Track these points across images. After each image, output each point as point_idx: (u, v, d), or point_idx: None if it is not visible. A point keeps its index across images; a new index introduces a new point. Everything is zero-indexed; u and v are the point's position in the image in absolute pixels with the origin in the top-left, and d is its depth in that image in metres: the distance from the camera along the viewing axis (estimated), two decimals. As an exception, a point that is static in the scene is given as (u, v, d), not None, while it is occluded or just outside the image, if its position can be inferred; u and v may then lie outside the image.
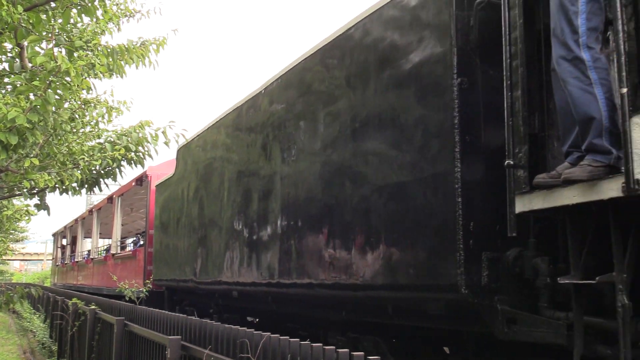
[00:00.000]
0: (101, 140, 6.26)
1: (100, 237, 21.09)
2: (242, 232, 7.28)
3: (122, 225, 18.33)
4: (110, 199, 17.00)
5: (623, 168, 2.76)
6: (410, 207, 4.36)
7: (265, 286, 6.65)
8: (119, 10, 6.11)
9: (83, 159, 5.52)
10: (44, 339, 13.48)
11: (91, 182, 6.52)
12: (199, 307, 10.11)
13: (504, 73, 3.68)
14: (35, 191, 5.95)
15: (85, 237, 23.87)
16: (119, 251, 16.52)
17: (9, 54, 5.58)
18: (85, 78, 4.67)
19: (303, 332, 6.71)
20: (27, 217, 6.21)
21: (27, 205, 6.13)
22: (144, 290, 8.34)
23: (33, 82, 4.32)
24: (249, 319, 8.97)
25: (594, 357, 3.27)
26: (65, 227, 27.19)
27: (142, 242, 14.80)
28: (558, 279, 3.44)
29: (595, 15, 3.08)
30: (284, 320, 7.73)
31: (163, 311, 5.99)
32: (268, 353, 3.56)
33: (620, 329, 2.92)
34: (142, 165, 6.49)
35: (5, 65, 5.69)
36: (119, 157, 6.00)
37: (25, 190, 5.51)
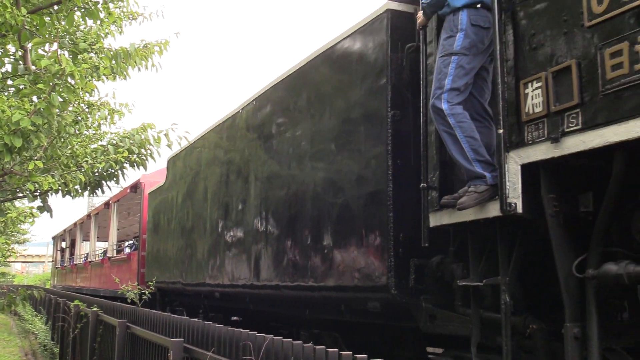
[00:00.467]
0: (104, 143, 6.28)
1: (98, 240, 21.95)
2: (221, 239, 8.09)
3: (120, 229, 19.35)
4: (107, 204, 17.93)
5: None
6: (354, 220, 5.11)
7: (241, 287, 7.38)
8: (122, 13, 6.12)
9: (86, 161, 5.53)
10: (46, 341, 13.48)
11: (94, 184, 6.53)
12: (189, 307, 10.66)
13: (421, 110, 4.40)
14: (37, 193, 5.97)
15: (84, 240, 24.63)
16: (115, 255, 17.17)
17: (12, 57, 5.61)
18: (90, 81, 4.68)
19: (284, 331, 7.34)
20: (31, 220, 6.21)
21: (31, 208, 6.13)
22: (147, 292, 8.34)
23: (37, 85, 4.33)
24: (234, 318, 9.54)
25: (495, 346, 3.93)
26: (64, 230, 27.89)
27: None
28: (458, 281, 4.18)
29: (460, 78, 3.97)
30: (265, 319, 8.31)
31: (165, 313, 6.00)
32: (271, 355, 3.56)
33: (503, 322, 3.62)
34: (145, 168, 6.50)
35: (9, 68, 5.71)
36: (122, 160, 6.00)
37: (28, 192, 5.52)
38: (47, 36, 5.01)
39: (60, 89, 4.36)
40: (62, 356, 10.92)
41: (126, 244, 20.86)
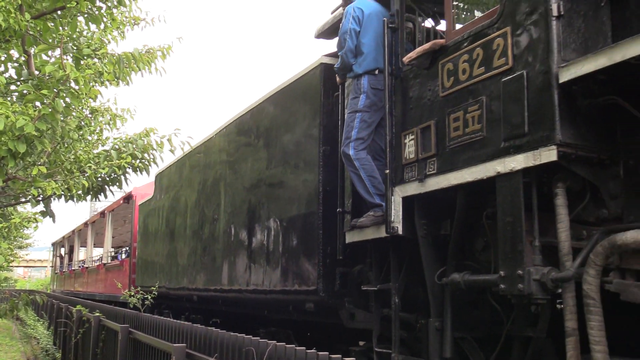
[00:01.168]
0: (107, 148, 6.27)
1: (95, 247, 23.02)
2: (197, 248, 9.27)
3: (116, 236, 20.91)
4: (102, 213, 19.21)
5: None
6: (295, 235, 6.20)
7: (213, 292, 8.46)
8: (124, 19, 6.13)
9: (89, 166, 5.53)
10: (48, 346, 13.48)
11: (96, 189, 6.53)
12: (174, 310, 11.78)
13: (338, 150, 5.49)
14: (40, 198, 5.97)
15: (81, 247, 25.82)
16: (109, 261, 18.39)
17: (16, 62, 5.61)
18: (93, 86, 4.69)
19: (263, 330, 8.06)
20: (35, 225, 6.21)
21: (35, 213, 6.13)
22: (149, 297, 8.36)
23: (42, 91, 4.34)
24: (214, 320, 10.18)
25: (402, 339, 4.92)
26: (63, 237, 29.05)
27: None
28: (362, 286, 5.31)
29: (363, 130, 5.07)
30: (241, 319, 9.10)
31: (168, 319, 6.00)
32: (274, 361, 3.55)
33: (393, 318, 4.80)
34: (148, 173, 6.50)
35: (12, 73, 5.72)
36: (125, 165, 6.00)
37: (32, 197, 5.52)
38: (50, 41, 5.02)
39: (64, 95, 4.36)
40: (64, 361, 10.90)
41: (123, 249, 21.70)
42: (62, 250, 29.46)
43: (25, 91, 4.75)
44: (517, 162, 3.61)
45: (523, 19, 3.74)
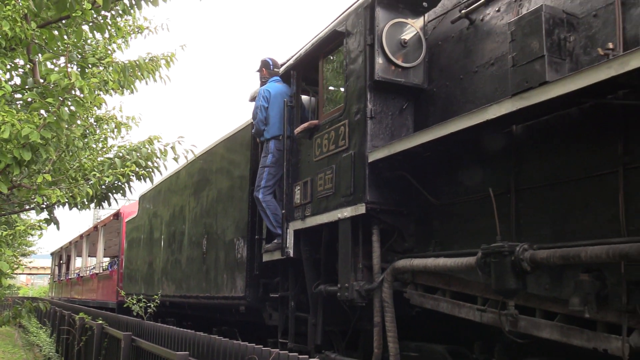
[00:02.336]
0: (111, 156, 6.29)
1: (90, 256, 25.47)
2: (168, 261, 11.06)
3: (108, 248, 23.20)
4: (95, 227, 21.68)
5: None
6: (233, 253, 7.91)
7: (179, 298, 10.11)
8: (129, 27, 6.16)
9: (94, 174, 5.54)
10: (50, 353, 13.44)
11: (100, 197, 6.54)
12: (155, 314, 12.78)
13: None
14: (45, 205, 5.98)
15: (77, 256, 27.71)
16: (101, 271, 20.29)
17: (22, 70, 5.65)
18: (98, 95, 4.71)
19: (216, 329, 9.61)
20: (39, 232, 6.22)
21: (40, 221, 6.14)
22: (152, 305, 8.36)
23: (47, 99, 4.36)
24: (187, 323, 11.48)
25: (301, 333, 6.50)
26: (61, 247, 31.14)
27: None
28: (270, 294, 7.11)
29: (270, 180, 6.74)
30: (205, 321, 10.28)
31: (170, 326, 6.00)
32: (277, 369, 3.55)
33: (290, 318, 6.56)
34: (152, 181, 6.52)
35: (18, 81, 5.75)
36: (129, 173, 6.02)
37: (36, 205, 5.53)
38: (55, 50, 5.04)
39: (69, 103, 4.38)
40: (67, 369, 10.89)
41: (112, 262, 23.04)
42: (60, 260, 31.79)
43: (30, 99, 4.77)
44: (347, 212, 5.37)
45: (354, 116, 5.52)
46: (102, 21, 5.46)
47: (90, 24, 5.42)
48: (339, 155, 5.60)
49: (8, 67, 5.40)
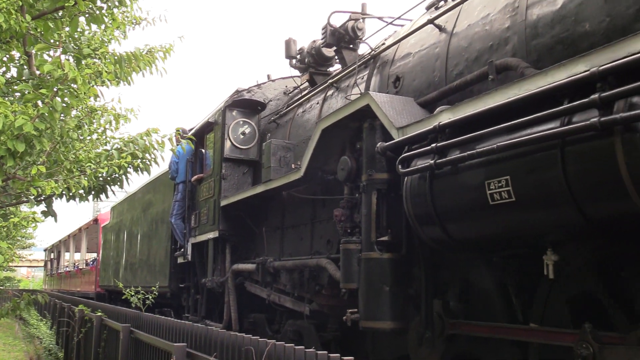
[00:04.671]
0: (108, 147, 6.26)
1: (76, 252, 30.62)
2: (127, 260, 14.93)
3: (90, 247, 27.97)
4: (80, 229, 26.91)
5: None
6: (161, 259, 11.58)
7: (134, 287, 12.90)
8: (126, 19, 6.11)
9: (90, 166, 5.52)
10: (50, 345, 13.49)
11: (98, 189, 6.51)
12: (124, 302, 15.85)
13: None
14: (41, 198, 5.96)
15: (66, 251, 32.91)
16: (84, 267, 25.24)
17: (17, 62, 5.62)
18: (93, 86, 4.68)
19: (158, 310, 11.96)
20: (33, 224, 6.21)
21: (34, 213, 6.12)
22: (150, 297, 8.38)
23: (40, 90, 4.34)
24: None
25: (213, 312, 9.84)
26: (53, 245, 36.49)
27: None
28: (180, 285, 11.01)
29: (179, 210, 10.31)
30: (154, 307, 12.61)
31: (168, 318, 6.01)
32: (273, 360, 3.56)
33: (192, 300, 10.28)
34: (149, 173, 6.49)
35: (14, 72, 5.72)
36: (125, 165, 5.98)
37: (31, 197, 5.51)
38: (51, 41, 5.01)
39: (63, 94, 4.36)
40: (67, 361, 10.92)
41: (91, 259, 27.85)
42: (52, 255, 36.61)
43: (26, 91, 4.75)
44: (211, 234, 8.90)
45: (216, 176, 8.93)
46: (98, 13, 5.42)
47: (87, 15, 5.38)
48: (210, 199, 9.14)
49: (4, 59, 5.38)
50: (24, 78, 5.44)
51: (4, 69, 5.63)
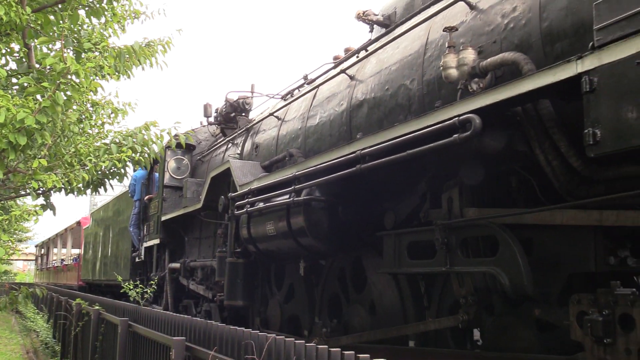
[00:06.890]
0: (107, 141, 6.26)
1: (63, 249, 34.11)
2: (101, 258, 18.05)
3: (75, 246, 31.05)
4: (66, 230, 30.46)
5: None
6: (123, 258, 14.89)
7: (105, 280, 16.97)
8: (124, 12, 6.10)
9: (90, 160, 5.52)
10: (47, 339, 13.50)
11: (97, 183, 6.52)
12: (105, 293, 18.02)
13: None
14: (41, 191, 5.96)
15: (54, 247, 35.94)
16: (69, 263, 27.95)
17: (17, 55, 5.61)
18: (94, 79, 4.68)
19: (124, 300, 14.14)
20: (35, 218, 6.21)
21: (36, 206, 6.12)
22: (149, 291, 8.38)
23: (42, 84, 4.34)
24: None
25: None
26: (42, 242, 40.14)
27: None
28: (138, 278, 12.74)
29: (136, 221, 13.25)
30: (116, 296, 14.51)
31: (167, 312, 6.01)
32: (273, 354, 3.56)
33: (149, 291, 10.03)
34: (147, 166, 6.50)
35: (13, 65, 5.71)
36: (125, 159, 5.99)
37: (32, 190, 5.51)
38: (51, 34, 5.01)
39: (65, 88, 4.36)
40: (64, 354, 10.93)
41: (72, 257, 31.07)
42: (42, 251, 40.24)
43: (26, 84, 4.75)
44: (155, 241, 11.75)
45: (160, 197, 11.74)
46: (97, 6, 5.42)
47: (87, 8, 5.37)
48: (155, 214, 11.64)
49: (4, 51, 5.37)
50: (21, 71, 5.43)
51: (3, 61, 5.62)
